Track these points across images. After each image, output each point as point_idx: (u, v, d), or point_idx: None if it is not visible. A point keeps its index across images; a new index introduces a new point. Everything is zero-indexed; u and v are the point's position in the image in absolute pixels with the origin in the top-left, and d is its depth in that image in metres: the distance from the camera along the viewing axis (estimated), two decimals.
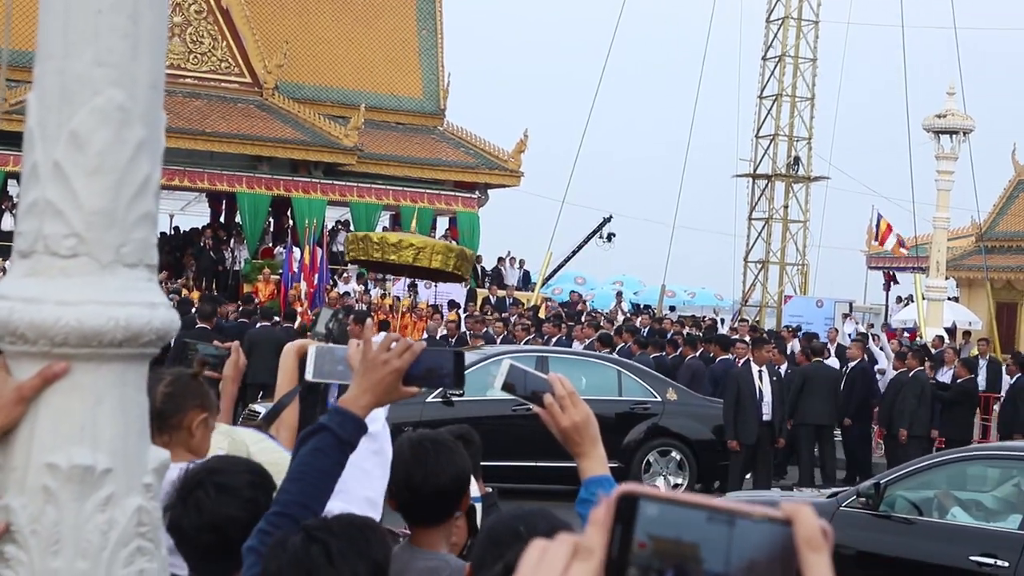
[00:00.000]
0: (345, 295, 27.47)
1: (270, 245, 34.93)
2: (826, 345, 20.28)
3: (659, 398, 15.79)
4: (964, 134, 27.94)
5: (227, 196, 36.61)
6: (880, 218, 34.72)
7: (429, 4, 41.27)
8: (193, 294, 25.50)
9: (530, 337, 21.65)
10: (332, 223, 37.23)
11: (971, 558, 8.72)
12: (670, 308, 39.45)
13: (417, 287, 29.45)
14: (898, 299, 38.78)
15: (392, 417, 3.30)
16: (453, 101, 40.65)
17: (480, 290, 32.02)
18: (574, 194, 36.70)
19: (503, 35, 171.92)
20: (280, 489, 2.68)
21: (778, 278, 39.62)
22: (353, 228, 32.81)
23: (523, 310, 27.42)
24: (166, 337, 2.09)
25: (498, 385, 2.62)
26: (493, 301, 29.57)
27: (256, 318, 20.35)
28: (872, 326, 33.64)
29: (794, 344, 22.24)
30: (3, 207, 31.01)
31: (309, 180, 34.43)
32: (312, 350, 2.95)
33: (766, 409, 15.74)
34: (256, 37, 35.84)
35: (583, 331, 22.07)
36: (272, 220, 36.18)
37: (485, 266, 36.24)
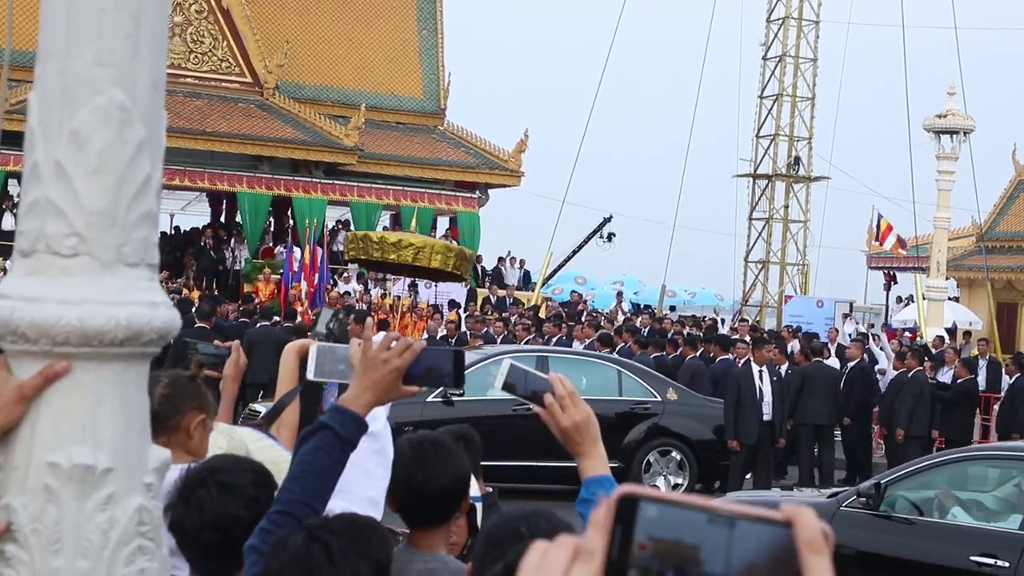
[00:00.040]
0: (345, 295, 27.47)
1: (270, 245, 34.92)
2: (826, 345, 20.28)
3: (659, 398, 15.78)
4: (964, 134, 27.93)
5: (228, 196, 36.61)
6: (880, 218, 34.73)
7: (430, 4, 41.26)
8: (193, 294, 25.49)
9: (530, 337, 21.65)
10: (332, 223, 37.23)
11: (971, 558, 8.72)
12: (670, 308, 39.43)
13: (417, 287, 29.46)
14: (898, 299, 38.77)
15: (392, 417, 3.30)
16: (453, 101, 40.73)
17: (480, 290, 32.01)
18: (574, 194, 36.71)
19: (503, 35, 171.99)
20: (282, 488, 2.68)
21: (778, 278, 39.60)
22: (353, 228, 32.78)
23: (523, 310, 27.41)
24: (167, 336, 2.09)
25: (498, 385, 2.62)
26: (493, 301, 29.56)
27: (256, 318, 20.36)
28: (872, 326, 33.63)
29: (794, 344, 22.23)
30: (4, 207, 31.00)
31: (310, 180, 34.43)
32: (313, 349, 2.95)
33: (766, 409, 15.75)
34: (257, 37, 35.84)
35: (583, 331, 22.05)
36: (272, 220, 36.17)
37: (485, 266, 36.23)
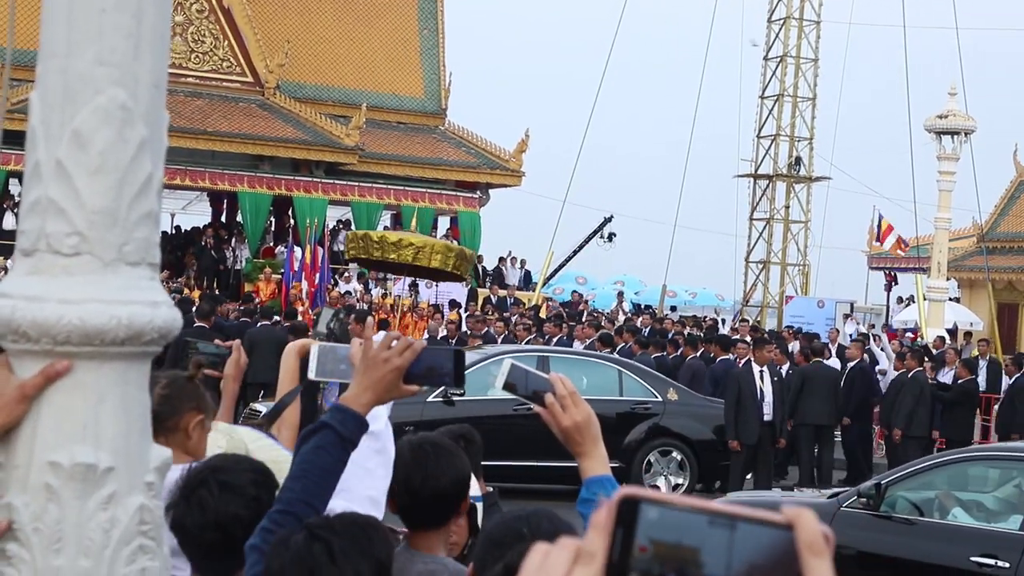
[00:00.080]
0: (346, 294, 27.48)
1: (271, 244, 34.92)
2: (826, 345, 20.28)
3: (660, 398, 15.78)
4: (965, 134, 27.91)
5: (228, 195, 36.62)
6: (881, 218, 34.73)
7: (430, 4, 41.27)
8: (194, 293, 25.49)
9: (531, 337, 21.66)
10: (333, 222, 37.24)
11: (972, 559, 8.72)
12: (671, 308, 39.44)
13: (418, 286, 29.47)
14: (899, 300, 38.76)
15: (393, 416, 3.30)
16: (454, 101, 40.71)
17: (481, 290, 32.01)
18: (575, 194, 36.73)
19: (504, 35, 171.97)
20: (283, 487, 2.68)
21: (779, 278, 39.58)
22: (354, 227, 32.78)
23: (524, 310, 27.41)
24: (168, 336, 2.09)
25: (499, 385, 2.62)
26: (494, 301, 29.56)
27: (257, 317, 20.36)
28: (873, 327, 33.63)
29: (795, 345, 22.22)
30: (5, 206, 31.01)
31: (310, 179, 34.44)
32: (315, 349, 2.95)
33: (767, 409, 15.75)
34: (258, 36, 35.85)
35: (584, 331, 22.05)
36: (273, 219, 36.18)
37: (486, 266, 36.23)
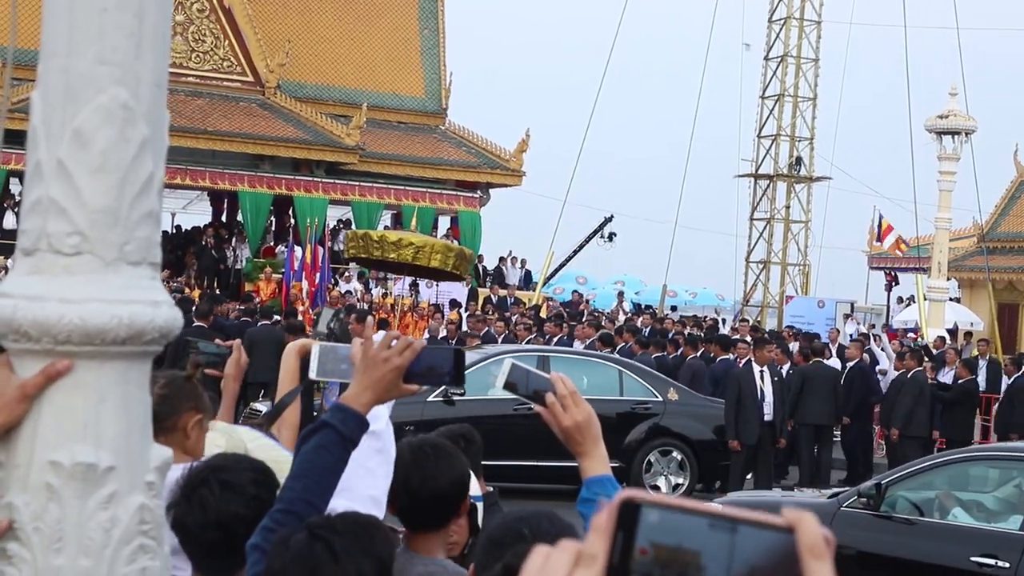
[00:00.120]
0: (347, 294, 27.48)
1: (272, 244, 34.91)
2: (827, 345, 20.28)
3: (660, 398, 15.79)
4: (966, 135, 27.91)
5: (229, 195, 36.61)
6: (881, 218, 34.73)
7: (431, 3, 41.27)
8: (194, 293, 25.49)
9: (531, 336, 21.67)
10: (334, 222, 37.24)
11: (972, 559, 8.72)
12: (671, 308, 39.43)
13: (419, 286, 29.48)
14: (899, 300, 38.74)
15: (394, 416, 3.30)
16: (455, 100, 40.69)
17: (481, 290, 32.01)
18: (576, 194, 36.75)
19: (505, 35, 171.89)
20: (284, 486, 2.68)
21: (780, 278, 39.58)
22: (355, 227, 32.77)
23: (524, 310, 27.41)
24: (169, 335, 2.09)
25: (500, 384, 2.62)
26: (494, 301, 29.57)
27: (257, 317, 20.37)
28: (873, 327, 33.62)
29: (795, 345, 22.21)
30: (6, 205, 31.01)
31: (311, 179, 34.43)
32: (316, 349, 2.95)
33: (767, 409, 15.75)
34: (258, 36, 35.84)
35: (584, 331, 22.06)
36: (274, 219, 36.16)
37: (487, 265, 36.23)
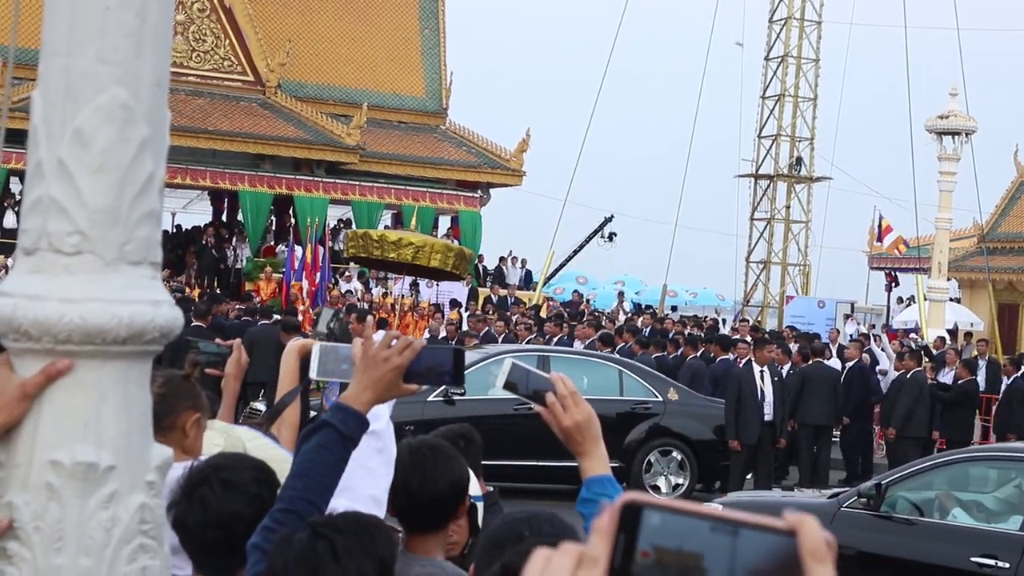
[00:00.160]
0: (347, 294, 27.48)
1: (272, 243, 34.92)
2: (827, 345, 20.28)
3: (660, 398, 15.78)
4: (966, 135, 27.90)
5: (229, 194, 36.62)
6: (881, 218, 34.73)
7: (432, 3, 41.26)
8: (194, 292, 25.49)
9: (532, 336, 21.67)
10: (334, 222, 37.25)
11: (972, 559, 8.72)
12: (672, 308, 39.44)
13: (419, 286, 29.48)
14: (900, 300, 38.74)
15: (394, 416, 3.30)
16: (455, 100, 40.76)
17: (482, 289, 32.01)
18: (576, 194, 36.73)
19: (506, 34, 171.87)
20: (284, 485, 2.68)
21: (780, 278, 39.58)
22: (355, 227, 32.77)
23: (525, 309, 27.41)
24: (169, 335, 2.09)
25: (500, 384, 2.62)
26: (495, 300, 29.57)
27: (257, 317, 20.38)
28: (873, 327, 33.62)
29: (794, 345, 22.21)
30: (6, 204, 31.01)
31: (311, 179, 34.43)
32: (316, 349, 2.95)
33: (767, 409, 15.75)
34: (259, 35, 35.84)
35: (584, 331, 22.05)
36: (274, 218, 36.17)
37: (487, 265, 36.23)
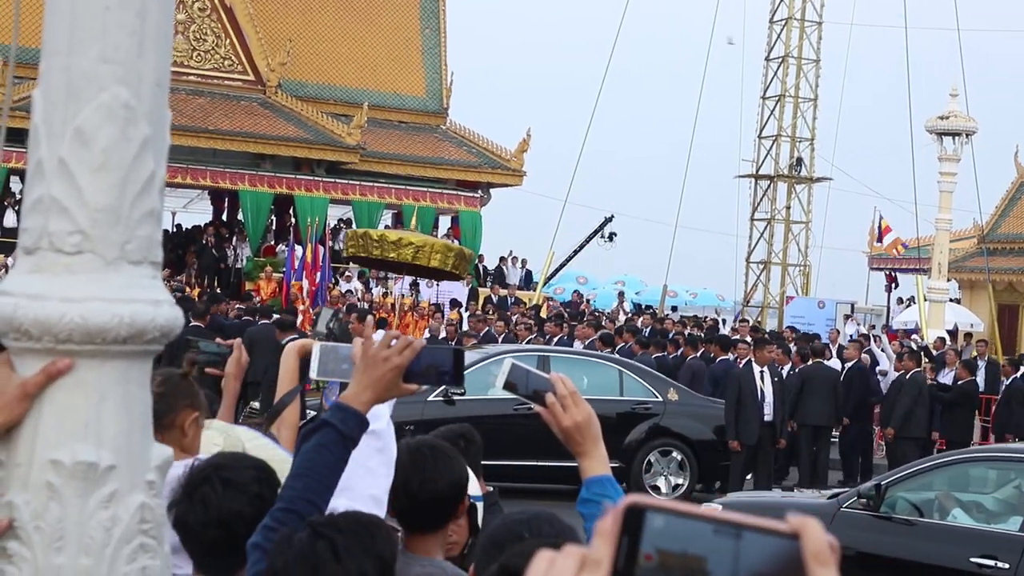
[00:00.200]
0: (347, 293, 27.48)
1: (272, 243, 34.92)
2: (827, 346, 20.28)
3: (660, 398, 15.78)
4: (967, 136, 27.89)
5: (230, 194, 36.61)
6: (881, 219, 34.74)
7: (432, 2, 41.26)
8: (195, 292, 25.49)
9: (532, 336, 21.67)
10: (334, 221, 37.25)
11: (972, 560, 8.72)
12: (672, 308, 39.44)
13: (419, 286, 29.48)
14: (899, 300, 38.74)
15: (394, 416, 3.30)
16: (456, 100, 40.75)
17: (482, 289, 32.01)
18: (576, 194, 36.79)
19: (506, 34, 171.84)
20: (284, 485, 2.68)
21: (780, 279, 39.59)
22: (355, 226, 32.76)
23: (525, 309, 27.41)
24: (170, 334, 2.09)
25: (500, 384, 2.62)
26: (495, 300, 29.57)
27: (258, 316, 20.38)
28: (873, 327, 33.61)
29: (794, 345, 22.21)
30: (6, 204, 31.01)
31: (312, 178, 34.43)
32: (316, 348, 2.95)
33: (767, 410, 15.75)
34: (259, 35, 35.84)
35: (584, 331, 22.05)
36: (274, 218, 36.18)
37: (487, 265, 36.23)
